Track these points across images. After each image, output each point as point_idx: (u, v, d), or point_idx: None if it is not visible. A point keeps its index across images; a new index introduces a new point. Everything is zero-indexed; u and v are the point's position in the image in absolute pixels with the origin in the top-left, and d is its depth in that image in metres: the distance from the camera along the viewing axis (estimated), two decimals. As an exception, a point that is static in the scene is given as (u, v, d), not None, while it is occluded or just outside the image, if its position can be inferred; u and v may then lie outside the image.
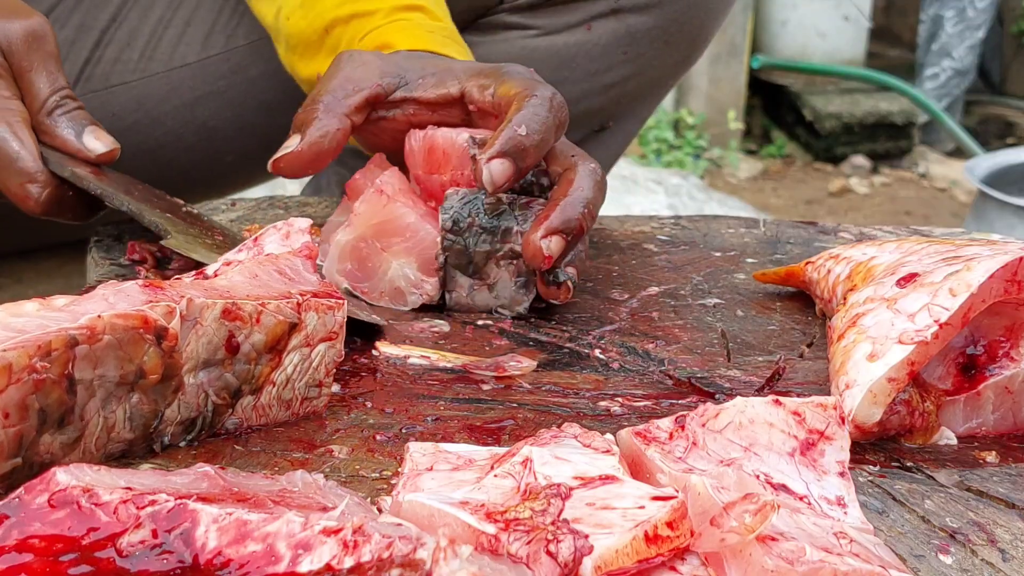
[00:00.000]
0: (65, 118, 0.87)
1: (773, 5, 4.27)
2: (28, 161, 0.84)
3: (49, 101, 0.87)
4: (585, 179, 0.81)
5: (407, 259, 0.83)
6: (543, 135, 0.79)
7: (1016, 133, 4.35)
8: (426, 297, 0.84)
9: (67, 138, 0.87)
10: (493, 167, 0.78)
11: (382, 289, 0.84)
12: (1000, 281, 0.63)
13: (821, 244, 1.01)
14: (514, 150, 0.78)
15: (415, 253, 0.83)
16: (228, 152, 1.27)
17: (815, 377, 0.74)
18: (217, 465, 0.50)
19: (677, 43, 1.19)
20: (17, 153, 0.84)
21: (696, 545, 0.47)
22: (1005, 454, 0.65)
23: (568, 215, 0.79)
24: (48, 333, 0.53)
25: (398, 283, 0.84)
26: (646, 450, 0.54)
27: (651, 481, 0.53)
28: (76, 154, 0.87)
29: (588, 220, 0.80)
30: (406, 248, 0.83)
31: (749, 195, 3.72)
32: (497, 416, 0.68)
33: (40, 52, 0.87)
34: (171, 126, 1.23)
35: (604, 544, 0.44)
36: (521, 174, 0.79)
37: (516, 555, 0.45)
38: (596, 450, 0.53)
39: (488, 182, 0.78)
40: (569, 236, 0.79)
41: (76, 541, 0.42)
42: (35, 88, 0.87)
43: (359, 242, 0.83)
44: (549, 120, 0.79)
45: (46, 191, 0.85)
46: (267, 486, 0.49)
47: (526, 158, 0.79)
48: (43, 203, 0.85)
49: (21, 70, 0.86)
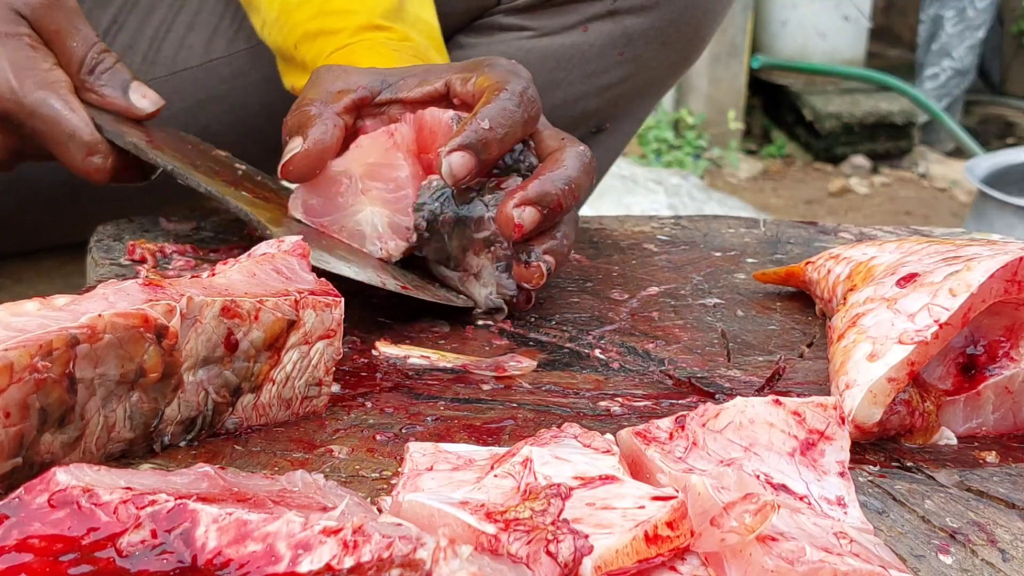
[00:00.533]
0: (107, 75, 0.87)
1: (773, 5, 4.27)
2: (85, 133, 0.84)
3: (87, 59, 0.86)
4: (571, 159, 0.80)
5: (382, 209, 0.83)
6: (508, 129, 0.79)
7: (1016, 133, 4.35)
8: (385, 253, 0.83)
9: (113, 98, 0.87)
10: (453, 160, 0.78)
11: (344, 225, 0.84)
12: (1000, 281, 0.63)
13: (821, 244, 1.01)
14: (477, 143, 0.78)
15: (391, 208, 0.83)
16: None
17: (815, 377, 0.74)
18: (217, 465, 0.50)
19: (674, 44, 1.19)
20: (74, 127, 0.84)
21: (696, 545, 0.47)
22: (1005, 454, 0.65)
23: (546, 188, 0.78)
24: (49, 332, 0.53)
25: (363, 227, 0.83)
26: (646, 450, 0.54)
27: (651, 481, 0.53)
28: (123, 112, 0.87)
29: (568, 198, 0.79)
30: (385, 199, 0.83)
31: (749, 195, 3.72)
32: (497, 416, 0.68)
33: (62, 11, 0.86)
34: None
35: (604, 544, 0.44)
36: (484, 167, 0.79)
37: (516, 555, 0.45)
38: (596, 450, 0.53)
39: (448, 175, 0.78)
40: (545, 210, 0.78)
41: (76, 541, 0.42)
42: (69, 49, 0.86)
43: (342, 176, 0.83)
44: (516, 115, 0.79)
45: (109, 160, 0.85)
46: (267, 486, 0.49)
47: (489, 151, 0.78)
48: (108, 171, 0.85)
49: (50, 35, 0.86)
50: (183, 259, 0.91)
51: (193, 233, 0.98)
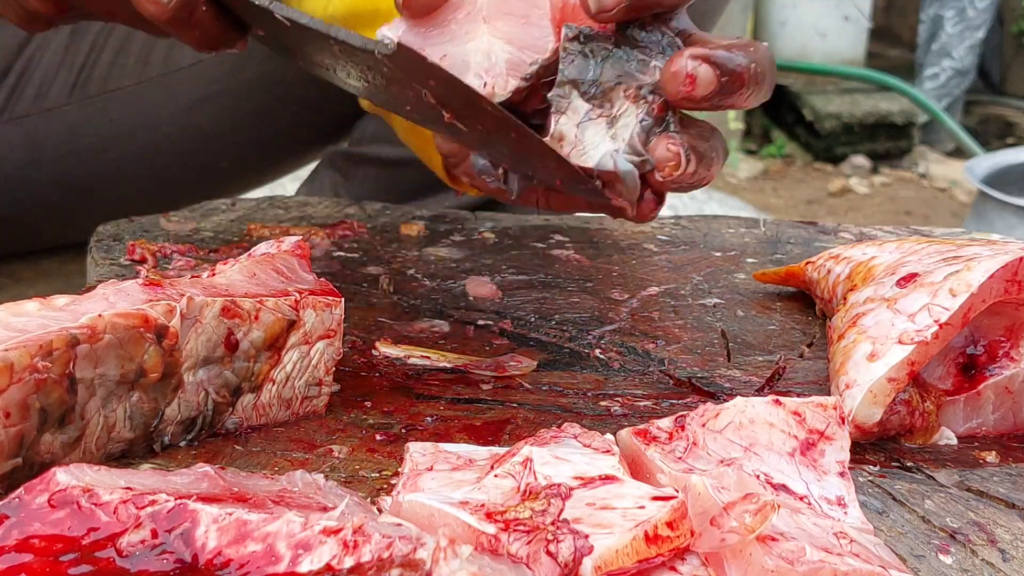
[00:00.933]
0: None
1: (773, 5, 4.28)
2: None
3: None
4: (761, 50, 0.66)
5: (503, 44, 0.68)
6: None
7: (1016, 133, 4.35)
8: (489, 89, 0.67)
9: None
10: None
11: (449, 52, 0.69)
12: (1000, 281, 0.63)
13: (821, 244, 1.01)
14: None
15: (517, 45, 0.67)
16: (224, 158, 1.27)
17: (815, 377, 0.74)
18: (217, 465, 0.50)
19: None
20: None
21: (696, 545, 0.47)
22: (1005, 454, 0.65)
23: (732, 55, 0.64)
24: (49, 332, 0.53)
25: (471, 57, 0.69)
26: (646, 450, 0.54)
27: (651, 481, 0.53)
28: None
29: (753, 78, 0.64)
30: (509, 35, 0.68)
31: (749, 195, 3.72)
32: (497, 416, 0.68)
33: None
34: (168, 131, 1.23)
35: (604, 544, 0.44)
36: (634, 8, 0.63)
37: (516, 555, 0.45)
38: (596, 450, 0.53)
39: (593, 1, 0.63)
40: (724, 77, 0.63)
41: (76, 541, 0.42)
42: None
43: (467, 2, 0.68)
44: None
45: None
46: (267, 486, 0.49)
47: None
48: (172, 9, 0.69)
49: None
50: (183, 259, 0.91)
51: (193, 233, 0.98)
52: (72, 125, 1.22)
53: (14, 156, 1.22)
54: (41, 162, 1.22)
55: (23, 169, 1.23)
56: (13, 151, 1.21)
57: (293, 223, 1.02)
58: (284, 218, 1.04)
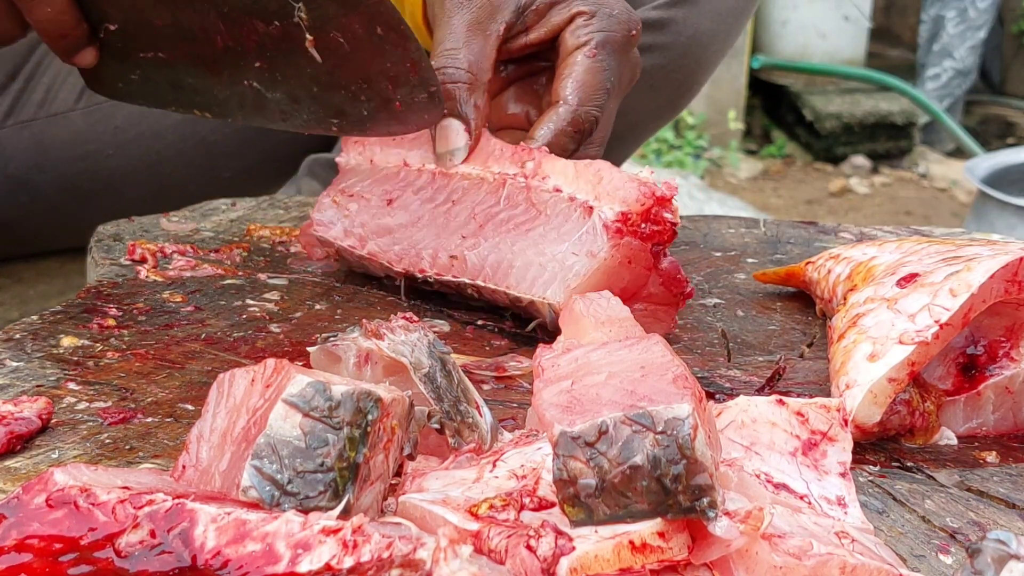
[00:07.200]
0: None
1: (773, 5, 4.27)
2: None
3: None
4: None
5: None
6: None
7: (1016, 133, 4.35)
8: None
9: None
10: None
11: None
12: (1000, 281, 0.63)
13: (821, 244, 1.01)
14: None
15: None
16: (226, 168, 1.28)
17: (815, 377, 0.74)
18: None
19: (662, 89, 1.15)
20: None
21: (697, 557, 0.46)
22: (1005, 454, 0.65)
23: None
24: None
25: None
26: (646, 450, 0.54)
27: (651, 481, 0.53)
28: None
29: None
30: None
31: (749, 195, 3.72)
32: (497, 416, 0.67)
33: None
34: (172, 139, 1.24)
35: (584, 548, 0.44)
36: None
37: (496, 549, 0.45)
38: (596, 450, 0.53)
39: None
40: None
41: (75, 541, 0.42)
42: None
43: None
44: None
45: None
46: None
47: None
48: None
49: None
50: (183, 259, 0.90)
51: (193, 233, 0.98)
52: (78, 131, 1.22)
53: (19, 159, 1.22)
54: (46, 166, 1.23)
55: (28, 172, 1.23)
56: (19, 155, 1.22)
57: (293, 223, 1.02)
58: (284, 218, 1.04)
